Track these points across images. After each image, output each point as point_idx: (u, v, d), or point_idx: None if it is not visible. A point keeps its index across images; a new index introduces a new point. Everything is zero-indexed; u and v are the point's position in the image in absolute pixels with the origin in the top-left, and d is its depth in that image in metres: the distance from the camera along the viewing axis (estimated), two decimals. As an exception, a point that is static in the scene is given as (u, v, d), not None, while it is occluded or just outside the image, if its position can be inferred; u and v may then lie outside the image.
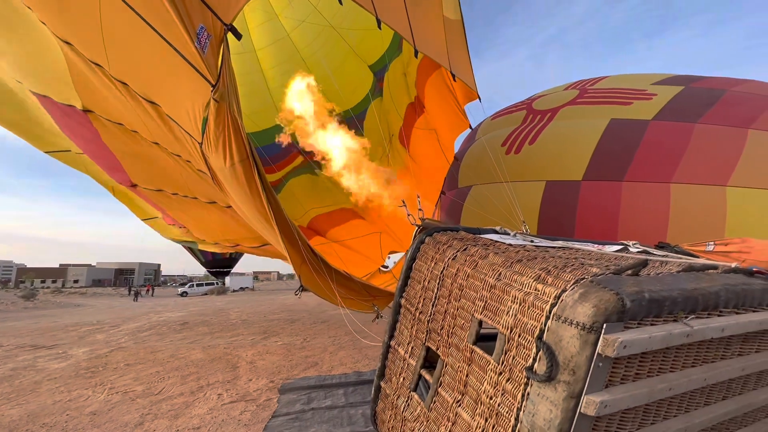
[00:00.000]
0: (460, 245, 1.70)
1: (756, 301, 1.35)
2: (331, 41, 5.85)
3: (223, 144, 2.80)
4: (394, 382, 1.78)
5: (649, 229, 6.62)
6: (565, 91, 9.35)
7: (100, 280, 62.24)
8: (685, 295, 1.14)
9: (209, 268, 27.58)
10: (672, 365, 1.19)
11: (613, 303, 0.99)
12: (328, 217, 7.25)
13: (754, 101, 7.36)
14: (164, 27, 2.52)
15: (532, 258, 1.48)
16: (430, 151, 6.88)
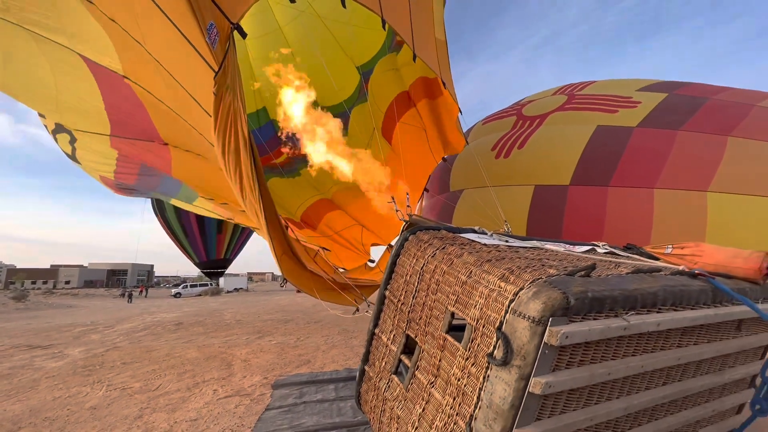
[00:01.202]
0: (440, 244, 1.85)
1: (693, 300, 1.52)
2: (322, 38, 5.99)
3: (223, 132, 2.97)
4: (377, 366, 1.96)
5: (633, 233, 6.86)
6: (553, 96, 9.60)
7: (92, 281, 61.61)
8: (625, 294, 1.32)
9: (203, 268, 27.51)
10: (614, 354, 1.38)
11: (559, 300, 1.16)
12: (313, 209, 7.38)
13: (734, 109, 7.65)
14: (181, 20, 2.72)
15: (501, 258, 1.66)
16: (415, 146, 7.06)
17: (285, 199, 7.03)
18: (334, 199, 7.24)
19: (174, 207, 22.46)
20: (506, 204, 7.55)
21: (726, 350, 1.69)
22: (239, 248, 25.51)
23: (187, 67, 3.12)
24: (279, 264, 3.61)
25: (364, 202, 6.81)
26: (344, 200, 7.20)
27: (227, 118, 2.92)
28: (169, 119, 4.17)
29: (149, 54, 3.32)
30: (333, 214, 7.20)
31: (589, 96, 9.00)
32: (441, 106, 6.61)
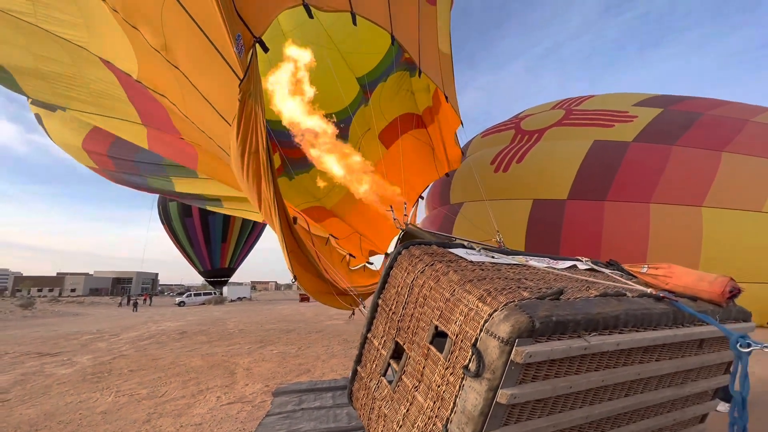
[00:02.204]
0: (429, 260, 2.04)
1: (654, 322, 1.68)
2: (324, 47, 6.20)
3: (245, 135, 3.22)
4: (368, 368, 2.15)
5: (629, 248, 6.99)
6: (551, 111, 9.80)
7: (98, 289, 62.09)
8: (587, 318, 1.49)
9: (207, 277, 27.77)
10: (576, 369, 1.55)
11: (526, 324, 1.34)
12: (309, 212, 7.56)
13: (728, 124, 7.79)
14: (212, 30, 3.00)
15: (482, 278, 1.83)
16: (417, 156, 7.24)
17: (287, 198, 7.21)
18: (333, 210, 7.41)
19: (180, 216, 22.82)
20: (505, 217, 7.70)
21: (686, 366, 1.85)
22: (243, 257, 25.75)
23: (210, 74, 3.38)
24: (288, 261, 3.76)
25: (360, 211, 6.92)
26: (341, 210, 7.36)
27: (249, 123, 3.18)
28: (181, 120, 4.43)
29: (168, 62, 3.58)
30: (331, 221, 7.36)
31: (587, 111, 9.20)
32: (442, 120, 6.80)
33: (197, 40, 3.20)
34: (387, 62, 6.19)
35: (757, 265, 6.24)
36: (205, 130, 4.21)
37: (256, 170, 3.36)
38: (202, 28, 3.12)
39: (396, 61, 6.19)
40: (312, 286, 4.11)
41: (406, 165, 7.36)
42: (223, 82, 3.28)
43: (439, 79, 5.68)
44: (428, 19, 5.36)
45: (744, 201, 6.52)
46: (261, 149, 3.24)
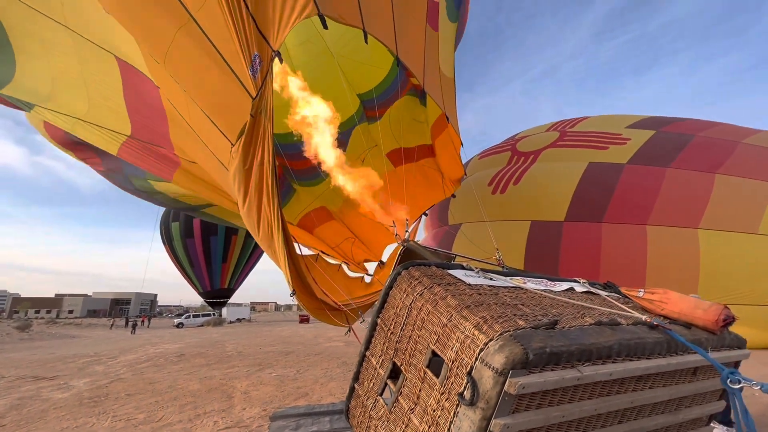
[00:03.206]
0: (428, 282, 2.06)
1: (647, 351, 1.70)
2: (327, 63, 6.16)
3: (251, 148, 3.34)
4: (366, 386, 2.16)
5: (628, 270, 7.01)
6: (546, 133, 10.02)
7: (95, 311, 61.39)
8: (581, 348, 1.50)
9: (206, 298, 27.53)
10: (570, 398, 1.58)
11: (520, 355, 1.37)
12: (307, 217, 7.56)
13: (720, 146, 7.96)
14: (230, 57, 3.18)
15: (479, 304, 1.86)
16: (424, 177, 7.35)
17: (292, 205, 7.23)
18: (329, 207, 7.41)
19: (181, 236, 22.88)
20: (504, 238, 7.75)
21: (680, 394, 1.87)
22: (243, 278, 25.63)
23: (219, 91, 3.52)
24: (288, 275, 3.79)
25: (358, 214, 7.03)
26: (338, 208, 7.23)
27: (257, 138, 3.32)
28: (184, 132, 4.52)
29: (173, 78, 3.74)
30: (326, 225, 7.36)
31: (581, 133, 9.41)
32: (447, 142, 6.93)
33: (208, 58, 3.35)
34: (389, 81, 6.22)
35: (753, 287, 6.25)
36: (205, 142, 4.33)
37: (259, 183, 3.44)
38: (218, 48, 3.28)
39: (399, 81, 6.28)
40: (309, 302, 4.13)
41: (413, 184, 7.42)
42: (229, 99, 3.42)
43: (441, 101, 5.78)
44: (432, 43, 5.53)
45: (739, 223, 6.59)
46: (266, 163, 3.34)
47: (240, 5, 3.09)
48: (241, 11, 3.09)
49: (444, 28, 5.98)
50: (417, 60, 5.04)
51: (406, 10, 4.72)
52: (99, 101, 4.98)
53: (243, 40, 3.11)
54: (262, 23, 3.17)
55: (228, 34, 3.13)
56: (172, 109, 4.43)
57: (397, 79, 6.33)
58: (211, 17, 3.15)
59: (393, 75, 6.22)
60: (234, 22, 3.08)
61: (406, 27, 4.74)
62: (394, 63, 5.26)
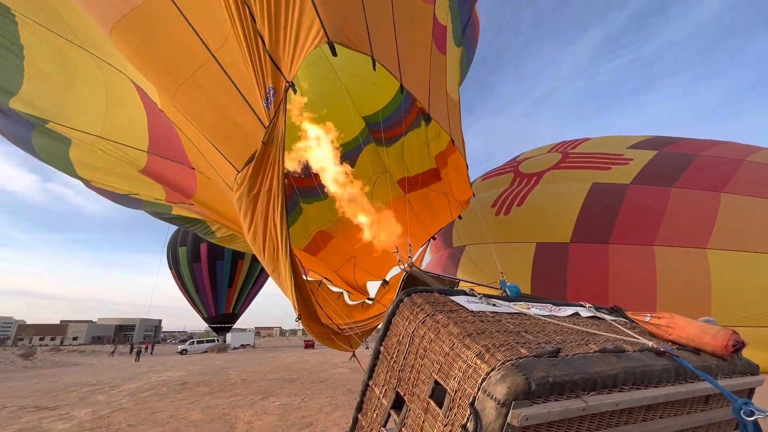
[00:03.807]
0: (430, 310, 2.00)
1: (655, 379, 1.65)
2: (331, 86, 6.26)
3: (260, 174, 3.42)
4: (369, 417, 2.11)
5: (638, 292, 6.87)
6: (548, 154, 10.11)
7: (100, 337, 60.94)
8: (585, 377, 1.46)
9: (211, 323, 27.29)
10: (577, 429, 1.54)
11: (522, 386, 1.34)
12: (313, 242, 7.55)
13: (724, 165, 7.96)
14: (247, 90, 3.37)
15: (482, 332, 1.84)
16: (432, 203, 7.38)
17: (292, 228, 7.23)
18: (330, 230, 7.39)
19: (188, 261, 22.97)
20: (509, 261, 7.71)
21: (693, 423, 1.80)
22: (248, 302, 25.46)
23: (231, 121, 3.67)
24: (294, 299, 3.78)
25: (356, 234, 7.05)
26: (339, 228, 7.20)
27: (268, 164, 3.40)
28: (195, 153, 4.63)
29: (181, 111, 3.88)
30: (329, 247, 7.34)
31: (583, 154, 9.49)
32: (453, 163, 7.00)
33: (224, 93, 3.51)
34: (395, 103, 6.33)
35: (766, 309, 6.08)
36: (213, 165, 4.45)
37: (265, 209, 3.48)
38: (235, 82, 3.45)
39: (405, 104, 6.39)
40: (314, 327, 4.09)
41: (421, 209, 7.44)
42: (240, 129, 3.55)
43: (447, 124, 5.82)
44: (439, 66, 5.61)
45: (748, 243, 6.50)
46: (275, 189, 3.40)
47: (258, 43, 3.28)
48: (258, 49, 3.28)
49: (451, 52, 6.08)
50: (422, 85, 5.10)
51: (411, 33, 4.82)
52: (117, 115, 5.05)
53: (259, 74, 3.28)
54: (275, 55, 3.34)
55: (245, 69, 3.30)
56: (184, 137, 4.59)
57: (402, 105, 6.42)
58: (230, 55, 3.35)
59: (399, 98, 6.29)
60: (252, 58, 3.26)
61: (411, 51, 4.82)
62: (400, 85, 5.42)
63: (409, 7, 4.68)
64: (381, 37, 4.17)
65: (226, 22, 3.37)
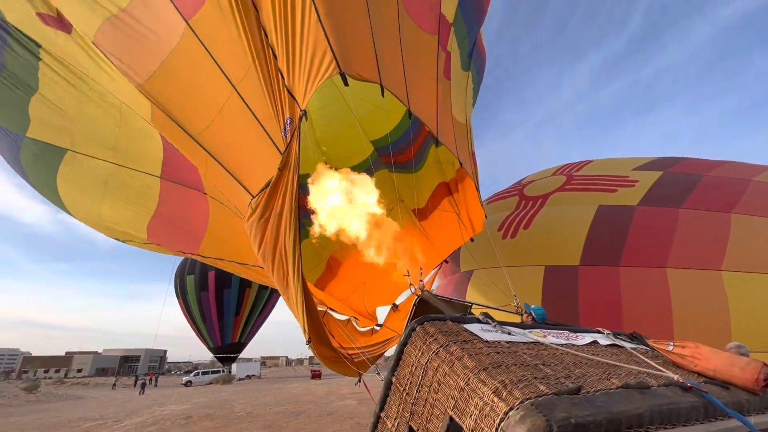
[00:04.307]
0: (444, 340, 1.92)
1: (683, 418, 1.56)
2: (339, 110, 6.29)
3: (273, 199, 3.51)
4: None
5: (652, 315, 6.66)
6: (553, 177, 10.13)
7: (104, 369, 60.07)
8: (609, 418, 1.38)
9: (216, 353, 26.82)
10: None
11: (543, 428, 1.27)
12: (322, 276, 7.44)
13: (731, 185, 7.91)
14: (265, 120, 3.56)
15: (498, 365, 1.69)
16: (444, 226, 7.36)
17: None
18: (337, 255, 7.30)
19: (196, 289, 22.91)
20: (518, 285, 7.52)
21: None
22: (255, 331, 25.11)
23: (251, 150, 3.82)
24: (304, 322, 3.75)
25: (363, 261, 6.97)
26: (347, 253, 7.05)
27: (280, 189, 3.48)
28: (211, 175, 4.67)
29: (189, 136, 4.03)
30: (337, 277, 7.25)
31: (587, 176, 9.50)
32: (466, 186, 7.01)
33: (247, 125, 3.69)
34: (404, 126, 6.38)
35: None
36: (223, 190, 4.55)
37: (275, 232, 3.53)
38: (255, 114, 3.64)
39: (413, 128, 6.41)
40: (324, 351, 4.02)
41: (433, 233, 7.40)
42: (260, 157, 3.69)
43: (454, 147, 5.83)
44: (445, 91, 5.71)
45: (764, 264, 6.34)
46: (287, 213, 3.47)
47: (278, 78, 3.50)
48: (279, 83, 3.49)
49: (456, 77, 6.17)
50: (429, 110, 5.14)
51: (417, 61, 4.92)
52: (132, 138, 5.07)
53: (279, 107, 3.49)
54: (291, 86, 3.52)
55: (264, 101, 3.51)
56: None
57: (410, 128, 6.42)
58: (251, 87, 3.57)
59: (407, 121, 6.29)
60: (272, 93, 3.48)
61: (418, 78, 4.92)
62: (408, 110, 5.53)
63: (414, 38, 4.82)
64: (389, 66, 4.29)
65: (246, 55, 3.58)
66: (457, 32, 5.94)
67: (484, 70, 7.79)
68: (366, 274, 7.15)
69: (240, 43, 3.58)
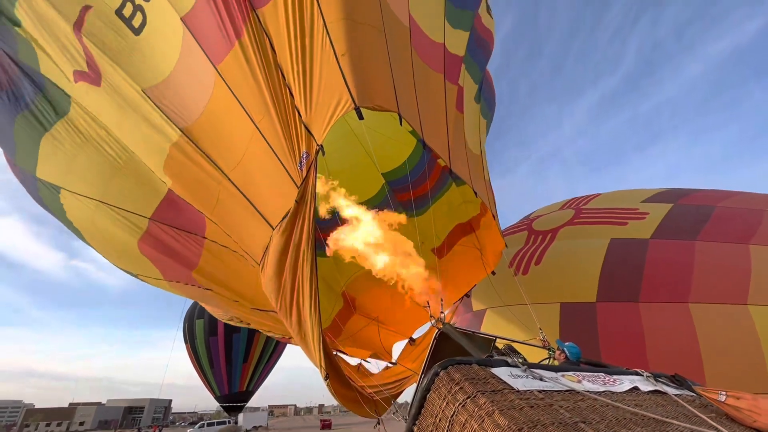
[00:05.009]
0: (471, 390, 1.78)
1: None
2: (349, 142, 6.41)
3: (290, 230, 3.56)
4: None
5: (679, 353, 6.31)
6: (561, 211, 10.06)
7: (107, 422, 57.82)
8: None
9: (223, 402, 25.75)
10: None
11: None
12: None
13: (746, 216, 7.75)
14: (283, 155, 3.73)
15: (534, 425, 1.55)
16: (465, 261, 7.23)
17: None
18: (350, 290, 7.09)
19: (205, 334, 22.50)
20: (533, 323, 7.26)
21: None
22: (263, 378, 24.26)
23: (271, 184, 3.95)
24: (320, 359, 3.58)
25: (379, 294, 6.54)
26: (361, 288, 6.87)
27: (300, 220, 3.55)
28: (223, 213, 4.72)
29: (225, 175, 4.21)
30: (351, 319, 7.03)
31: (596, 210, 9.43)
32: (487, 222, 6.94)
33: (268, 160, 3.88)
34: (415, 159, 6.46)
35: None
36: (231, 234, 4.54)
37: (294, 264, 3.56)
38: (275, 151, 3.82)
39: (426, 161, 6.46)
40: (342, 389, 3.82)
41: (453, 269, 7.26)
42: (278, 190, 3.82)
43: (468, 176, 5.81)
44: (458, 124, 5.79)
45: (792, 295, 6.05)
46: (304, 244, 3.51)
47: (295, 116, 3.71)
48: (295, 120, 3.70)
49: (469, 109, 6.26)
50: (441, 141, 5.20)
51: (427, 96, 5.02)
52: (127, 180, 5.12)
53: (294, 142, 3.67)
54: (309, 123, 3.71)
55: (282, 137, 3.71)
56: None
57: (424, 157, 6.45)
58: (270, 126, 3.80)
59: (420, 151, 6.38)
60: (288, 129, 3.67)
61: (430, 112, 5.02)
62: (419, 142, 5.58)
63: (423, 74, 5.00)
64: (405, 97, 4.39)
65: (265, 95, 3.81)
66: (468, 66, 6.07)
67: (494, 104, 8.04)
68: (382, 308, 6.94)
69: (259, 84, 3.83)
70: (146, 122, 4.52)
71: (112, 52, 4.52)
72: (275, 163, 3.81)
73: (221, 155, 4.26)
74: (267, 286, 3.94)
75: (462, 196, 6.91)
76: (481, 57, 6.72)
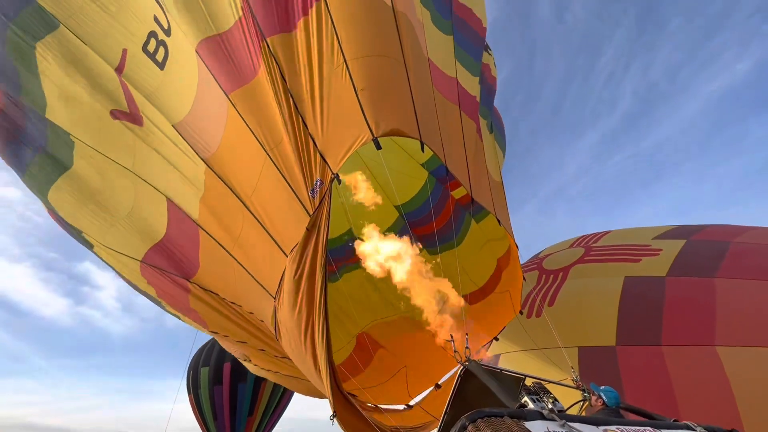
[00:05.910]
0: None
1: None
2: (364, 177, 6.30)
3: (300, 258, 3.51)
4: None
5: (713, 401, 5.88)
6: (570, 249, 9.83)
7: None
8: None
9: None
10: None
11: None
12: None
13: (764, 251, 7.48)
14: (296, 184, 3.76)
15: None
16: (494, 305, 6.99)
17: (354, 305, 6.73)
18: (372, 333, 6.78)
19: (209, 383, 21.69)
20: (550, 369, 6.87)
21: None
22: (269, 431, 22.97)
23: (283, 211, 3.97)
24: (330, 393, 3.44)
25: (407, 339, 6.38)
26: (384, 334, 6.66)
27: (309, 249, 3.50)
28: (217, 260, 4.72)
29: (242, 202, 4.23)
30: (369, 368, 6.67)
31: (607, 247, 9.22)
32: (513, 260, 6.78)
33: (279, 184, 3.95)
34: (425, 193, 6.43)
35: None
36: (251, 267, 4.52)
37: (310, 292, 3.49)
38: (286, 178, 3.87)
39: (439, 194, 6.42)
40: (353, 422, 3.61)
41: (482, 312, 7.00)
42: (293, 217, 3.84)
43: (491, 206, 5.75)
44: (478, 152, 5.81)
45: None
46: (317, 271, 3.46)
47: (309, 143, 3.73)
48: (309, 148, 3.73)
49: (487, 138, 6.39)
50: (463, 169, 5.18)
51: (447, 125, 5.07)
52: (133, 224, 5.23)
53: (307, 170, 3.69)
54: (324, 151, 3.73)
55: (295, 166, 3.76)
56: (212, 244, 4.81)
57: (436, 192, 6.40)
58: (283, 154, 3.87)
59: (430, 186, 6.36)
60: (302, 157, 3.72)
61: (454, 143, 5.04)
62: (430, 175, 5.40)
63: (442, 103, 5.08)
64: (427, 125, 4.40)
65: (278, 123, 3.89)
66: (481, 101, 6.23)
67: (505, 135, 8.08)
68: (409, 355, 6.66)
69: (272, 111, 3.91)
70: (182, 155, 4.64)
71: (146, 91, 4.65)
72: (288, 192, 3.85)
73: (240, 183, 4.33)
74: (284, 316, 3.88)
75: (484, 235, 6.79)
76: (487, 95, 6.86)
